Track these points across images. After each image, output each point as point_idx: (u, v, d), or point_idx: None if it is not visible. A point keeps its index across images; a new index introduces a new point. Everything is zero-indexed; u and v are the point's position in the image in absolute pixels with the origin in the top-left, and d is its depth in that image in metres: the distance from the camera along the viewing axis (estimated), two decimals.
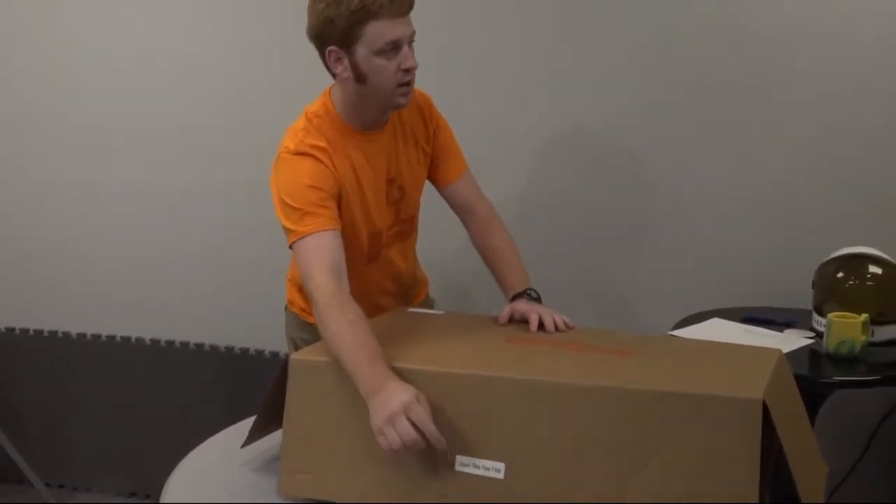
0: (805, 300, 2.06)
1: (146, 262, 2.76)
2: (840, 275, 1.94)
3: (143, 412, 2.80)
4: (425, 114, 1.72)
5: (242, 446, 1.42)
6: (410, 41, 1.52)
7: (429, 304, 1.98)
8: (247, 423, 1.52)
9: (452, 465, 1.18)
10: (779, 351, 1.32)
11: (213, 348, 2.73)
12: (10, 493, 2.92)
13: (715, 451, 1.06)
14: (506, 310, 1.56)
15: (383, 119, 1.65)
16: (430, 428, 1.16)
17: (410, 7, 1.50)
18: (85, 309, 2.83)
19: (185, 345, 2.76)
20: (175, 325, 2.76)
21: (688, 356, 1.34)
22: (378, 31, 1.47)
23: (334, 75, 1.58)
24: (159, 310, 2.76)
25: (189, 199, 2.69)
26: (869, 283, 1.92)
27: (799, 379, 1.72)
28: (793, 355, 1.81)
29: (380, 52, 1.49)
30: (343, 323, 1.31)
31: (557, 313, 1.51)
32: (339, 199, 1.57)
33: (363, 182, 1.63)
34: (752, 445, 1.05)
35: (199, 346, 2.74)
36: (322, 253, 1.44)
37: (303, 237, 1.46)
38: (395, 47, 1.50)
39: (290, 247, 1.51)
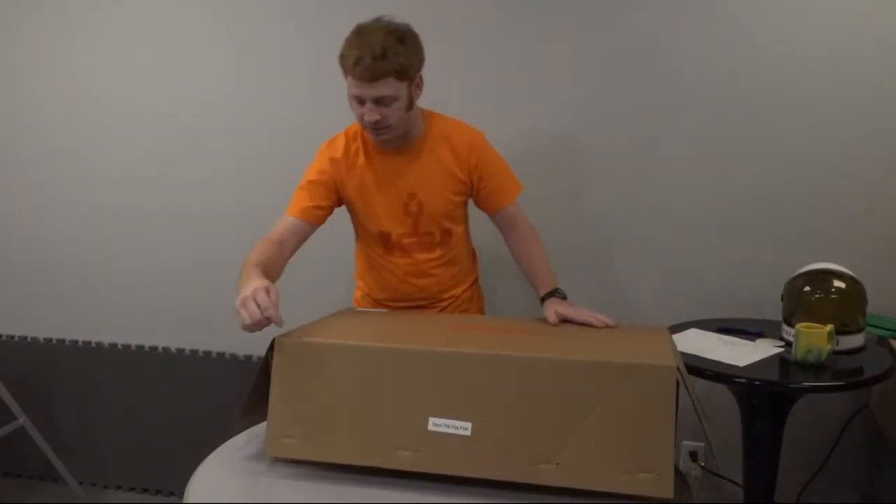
0: (775, 312, 2.06)
1: (174, 282, 2.76)
2: (807, 289, 1.94)
3: (169, 416, 2.80)
4: (465, 151, 1.82)
5: (235, 430, 1.51)
6: (378, 101, 1.66)
7: None
8: (264, 427, 1.52)
9: (426, 425, 1.28)
10: (665, 327, 1.53)
11: (234, 356, 2.73)
12: (47, 491, 2.91)
13: (638, 409, 1.21)
14: (551, 316, 1.67)
15: (397, 143, 1.79)
16: (270, 310, 1.35)
17: (376, 76, 1.62)
18: (118, 321, 2.83)
19: (207, 353, 2.75)
20: (199, 337, 2.76)
21: (602, 334, 1.52)
22: (350, 83, 1.67)
23: None
24: (185, 323, 2.76)
25: (217, 220, 2.69)
26: (833, 296, 1.92)
27: (770, 384, 1.74)
28: (764, 362, 1.81)
29: (351, 98, 1.70)
30: (253, 250, 1.64)
31: (598, 314, 1.65)
32: (341, 198, 1.85)
33: (373, 190, 1.82)
34: (669, 401, 1.21)
35: (221, 354, 2.74)
36: (280, 226, 1.78)
37: (286, 214, 1.81)
38: (359, 101, 1.68)
39: None
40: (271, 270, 1.60)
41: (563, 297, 1.76)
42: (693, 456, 2.40)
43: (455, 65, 2.38)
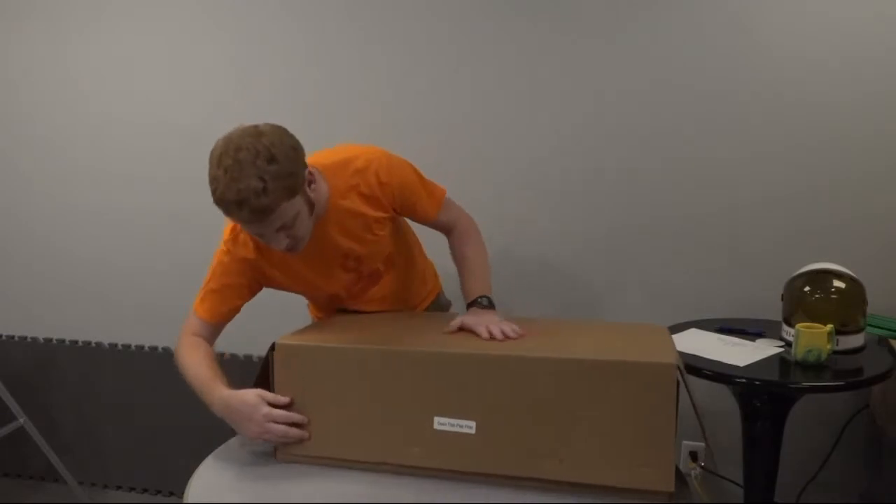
0: (775, 312, 2.06)
1: (174, 282, 2.76)
2: (807, 289, 1.93)
3: (169, 416, 2.80)
4: (377, 193, 1.67)
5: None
6: (279, 228, 1.47)
7: (441, 306, 2.06)
8: None
9: (431, 424, 1.30)
10: (663, 327, 1.54)
11: (234, 356, 2.72)
12: (47, 491, 2.91)
13: (639, 405, 1.22)
14: (455, 322, 1.56)
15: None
16: (293, 416, 1.39)
17: (267, 213, 1.41)
18: (118, 321, 2.83)
19: None
20: None
21: (602, 333, 1.49)
22: (241, 225, 1.50)
23: None
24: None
25: (217, 220, 2.68)
26: (833, 296, 1.91)
27: (770, 384, 1.74)
28: (764, 362, 1.81)
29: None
30: (192, 358, 1.59)
31: (506, 323, 1.50)
32: (265, 285, 1.71)
33: (303, 269, 1.69)
34: (669, 397, 1.22)
35: (220, 354, 2.74)
36: (197, 327, 1.65)
37: (194, 313, 1.67)
38: (259, 236, 1.50)
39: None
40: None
41: (486, 306, 1.63)
42: (693, 456, 2.40)
43: (457, 66, 2.38)
